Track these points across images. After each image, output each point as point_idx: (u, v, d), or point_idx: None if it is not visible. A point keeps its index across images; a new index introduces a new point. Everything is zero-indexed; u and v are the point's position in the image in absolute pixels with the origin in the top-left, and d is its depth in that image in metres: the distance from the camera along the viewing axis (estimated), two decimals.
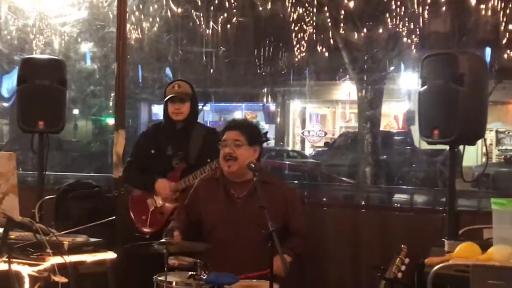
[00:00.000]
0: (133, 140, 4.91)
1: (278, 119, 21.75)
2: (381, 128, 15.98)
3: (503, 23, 12.43)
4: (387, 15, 12.89)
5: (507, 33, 12.66)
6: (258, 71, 17.14)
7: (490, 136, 20.25)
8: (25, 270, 3.31)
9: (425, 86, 4.00)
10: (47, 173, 4.99)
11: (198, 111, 4.71)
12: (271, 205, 3.81)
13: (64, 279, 3.31)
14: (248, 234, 3.75)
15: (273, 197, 3.89)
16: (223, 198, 3.94)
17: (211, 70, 16.69)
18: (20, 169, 6.63)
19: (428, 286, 3.17)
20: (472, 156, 15.98)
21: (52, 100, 4.66)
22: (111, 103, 15.43)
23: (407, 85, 17.39)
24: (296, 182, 7.37)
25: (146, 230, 4.45)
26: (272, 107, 21.72)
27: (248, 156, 3.88)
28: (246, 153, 3.89)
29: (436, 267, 3.18)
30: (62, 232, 3.78)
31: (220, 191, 3.96)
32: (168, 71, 17.07)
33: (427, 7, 12.54)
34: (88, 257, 3.70)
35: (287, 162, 15.17)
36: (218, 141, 4.59)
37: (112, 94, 5.47)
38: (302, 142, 22.26)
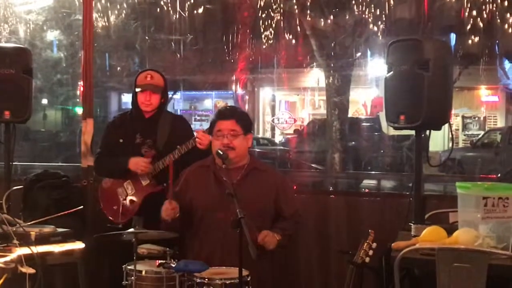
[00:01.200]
0: (102, 129, 4.87)
1: (248, 107, 21.74)
2: (350, 115, 16.08)
3: (467, 9, 12.58)
4: (354, 1, 12.94)
5: (471, 19, 12.81)
6: (227, 58, 17.09)
7: (456, 121, 20.51)
8: None
9: (391, 72, 4.04)
10: (14, 163, 4.93)
11: (167, 101, 4.69)
12: (261, 192, 3.85)
13: (31, 270, 3.29)
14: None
15: (264, 183, 3.92)
16: (214, 185, 3.93)
17: (180, 58, 16.60)
18: None
19: (395, 270, 3.21)
20: (438, 141, 16.13)
21: (17, 89, 4.60)
22: (78, 92, 15.27)
23: (374, 71, 17.50)
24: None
25: (118, 220, 4.42)
26: (242, 94, 21.70)
27: (244, 146, 3.90)
28: (243, 142, 3.90)
29: (403, 251, 3.22)
30: (29, 223, 3.75)
31: (210, 177, 3.95)
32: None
33: None
34: (56, 248, 3.68)
35: (257, 150, 15.19)
36: (186, 127, 4.60)
37: (80, 83, 5.43)
38: (272, 129, 22.31)
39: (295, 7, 13.33)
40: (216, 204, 3.87)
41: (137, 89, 4.42)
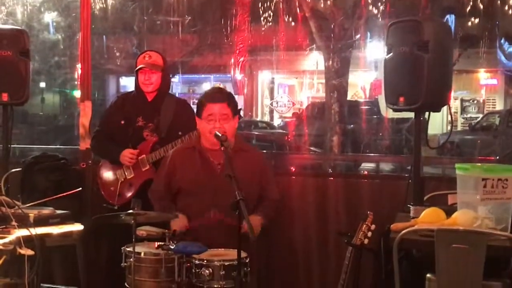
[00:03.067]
0: (100, 112, 4.86)
1: (246, 90, 21.69)
2: (349, 98, 16.04)
3: None
4: None
5: (471, 1, 12.74)
6: (225, 40, 17.01)
7: (455, 104, 20.48)
8: None
9: (391, 54, 4.02)
10: (12, 146, 4.92)
11: (169, 82, 4.68)
12: (248, 173, 3.86)
13: (30, 252, 3.29)
14: (226, 200, 3.69)
15: (249, 165, 3.94)
16: (201, 165, 3.94)
17: (178, 40, 16.52)
18: None
19: (394, 251, 3.22)
20: (437, 124, 16.14)
21: (15, 71, 4.58)
22: (76, 75, 15.21)
23: (373, 54, 17.44)
24: (265, 151, 7.39)
25: (114, 201, 4.43)
26: (240, 78, 21.64)
27: (234, 128, 3.91)
28: (233, 125, 3.90)
29: (402, 232, 3.22)
30: (28, 205, 3.74)
31: (197, 158, 3.95)
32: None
33: None
34: (55, 229, 3.68)
35: (255, 133, 15.19)
36: (189, 112, 4.59)
37: (77, 65, 5.42)
38: (271, 112, 22.27)
39: None
40: (203, 185, 3.88)
41: (136, 68, 4.42)
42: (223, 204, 3.62)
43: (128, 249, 3.55)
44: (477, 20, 14.30)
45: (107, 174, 4.52)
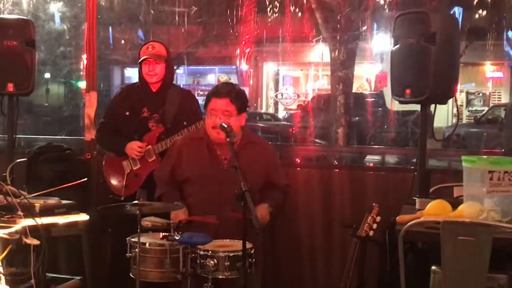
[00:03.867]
0: (105, 103, 4.85)
1: (251, 82, 21.66)
2: (354, 90, 16.01)
3: None
4: None
5: None
6: (231, 31, 16.98)
7: (460, 97, 20.42)
8: None
9: (398, 45, 4.01)
10: (18, 136, 4.92)
11: (173, 73, 4.67)
12: (256, 164, 3.87)
13: (36, 241, 3.30)
14: (232, 194, 3.67)
15: (257, 157, 3.95)
16: (208, 158, 3.93)
17: (183, 31, 16.50)
18: None
19: (399, 243, 3.21)
20: (442, 117, 16.11)
21: (21, 62, 4.57)
22: (81, 65, 15.19)
23: (379, 46, 17.39)
24: (270, 143, 7.38)
25: (121, 192, 4.43)
26: (246, 69, 21.61)
27: (237, 125, 3.85)
28: (236, 122, 3.85)
29: (407, 224, 3.21)
30: (33, 195, 3.75)
31: (204, 150, 3.94)
32: (140, 33, 16.84)
33: None
34: (60, 219, 3.70)
35: (260, 125, 15.18)
36: (194, 103, 4.58)
37: (83, 56, 5.42)
38: (276, 104, 22.25)
39: None
40: (208, 177, 3.87)
41: (140, 60, 4.41)
42: (229, 197, 3.61)
43: (133, 239, 3.55)
44: (484, 13, 14.24)
45: (114, 165, 4.52)
